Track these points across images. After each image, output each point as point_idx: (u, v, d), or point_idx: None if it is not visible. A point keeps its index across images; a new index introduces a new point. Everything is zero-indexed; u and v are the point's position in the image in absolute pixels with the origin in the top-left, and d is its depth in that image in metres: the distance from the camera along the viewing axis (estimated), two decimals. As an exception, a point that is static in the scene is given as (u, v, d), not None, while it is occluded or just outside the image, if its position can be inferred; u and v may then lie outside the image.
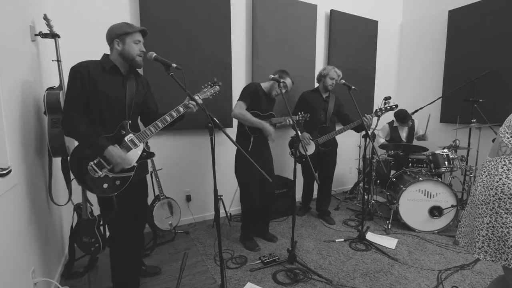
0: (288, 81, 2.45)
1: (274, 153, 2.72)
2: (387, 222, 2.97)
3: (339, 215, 3.34)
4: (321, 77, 2.97)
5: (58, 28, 1.95)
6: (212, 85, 1.97)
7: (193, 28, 2.81)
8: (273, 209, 2.95)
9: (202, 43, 2.87)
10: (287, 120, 2.55)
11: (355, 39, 3.89)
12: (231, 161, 3.30)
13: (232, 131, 3.12)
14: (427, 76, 4.07)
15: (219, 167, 3.18)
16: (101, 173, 1.52)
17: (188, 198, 3.07)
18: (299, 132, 2.13)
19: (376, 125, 3.21)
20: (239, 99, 2.37)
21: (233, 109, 2.36)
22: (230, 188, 3.28)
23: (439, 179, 2.85)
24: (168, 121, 1.67)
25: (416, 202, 2.85)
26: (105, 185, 1.54)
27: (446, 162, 2.94)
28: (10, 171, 1.34)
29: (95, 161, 1.51)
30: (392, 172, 3.35)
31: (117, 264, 1.77)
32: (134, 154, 1.62)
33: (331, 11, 3.65)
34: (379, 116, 2.72)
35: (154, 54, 1.56)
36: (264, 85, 2.50)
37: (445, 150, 2.98)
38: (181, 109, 1.70)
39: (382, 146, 3.53)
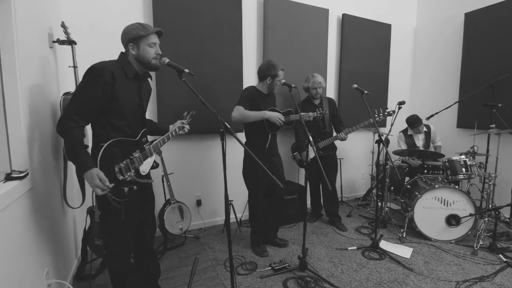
0: (280, 73, 2.39)
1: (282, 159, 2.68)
2: (402, 230, 2.88)
3: (352, 222, 3.27)
4: (306, 89, 3.04)
5: (74, 34, 2.00)
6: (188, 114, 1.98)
7: (205, 34, 2.84)
8: (283, 216, 2.92)
9: (214, 48, 2.89)
10: (309, 115, 2.48)
11: (368, 42, 3.84)
12: (242, 166, 3.29)
13: (243, 136, 3.12)
14: (443, 79, 3.97)
15: (230, 172, 3.17)
16: (127, 176, 1.47)
17: (199, 203, 3.08)
18: (310, 137, 2.11)
19: (390, 130, 3.14)
20: (236, 105, 2.35)
21: (232, 114, 2.33)
22: (241, 193, 3.27)
23: (456, 187, 2.75)
24: (170, 138, 1.76)
25: (432, 210, 2.75)
26: (126, 189, 1.48)
27: (463, 169, 2.84)
28: (27, 174, 1.37)
29: (124, 163, 1.45)
30: (407, 179, 3.26)
31: (116, 279, 1.62)
32: (150, 162, 1.64)
33: (343, 15, 3.62)
34: (377, 122, 2.67)
35: (167, 60, 1.56)
36: (260, 86, 2.47)
37: (463, 157, 2.89)
38: (177, 130, 1.80)
39: (396, 152, 3.44)
